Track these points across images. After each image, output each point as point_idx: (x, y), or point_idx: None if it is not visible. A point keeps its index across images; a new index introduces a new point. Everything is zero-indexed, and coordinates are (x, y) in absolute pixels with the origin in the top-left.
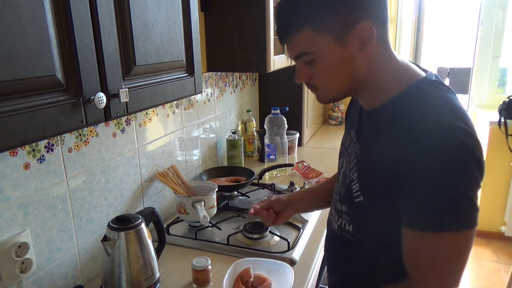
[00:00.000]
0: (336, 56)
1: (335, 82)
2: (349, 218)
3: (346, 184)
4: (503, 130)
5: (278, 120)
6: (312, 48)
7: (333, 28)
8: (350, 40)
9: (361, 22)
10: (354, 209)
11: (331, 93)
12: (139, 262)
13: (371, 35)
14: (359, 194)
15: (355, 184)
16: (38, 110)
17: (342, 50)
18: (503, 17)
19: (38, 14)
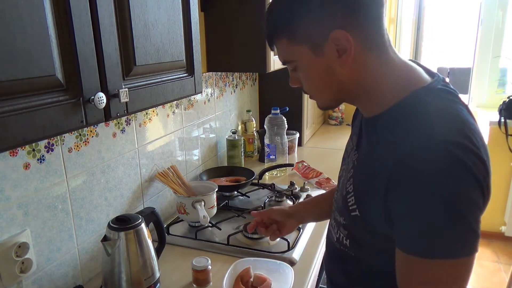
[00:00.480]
0: (315, 65)
1: (320, 90)
2: (346, 232)
3: (343, 196)
4: (503, 130)
5: (278, 120)
6: (291, 57)
7: (307, 37)
8: (326, 50)
9: (334, 31)
10: (350, 222)
11: (322, 100)
12: (139, 262)
13: (347, 44)
14: (354, 208)
15: (351, 197)
16: (38, 110)
17: (319, 59)
18: (503, 17)
19: (38, 14)
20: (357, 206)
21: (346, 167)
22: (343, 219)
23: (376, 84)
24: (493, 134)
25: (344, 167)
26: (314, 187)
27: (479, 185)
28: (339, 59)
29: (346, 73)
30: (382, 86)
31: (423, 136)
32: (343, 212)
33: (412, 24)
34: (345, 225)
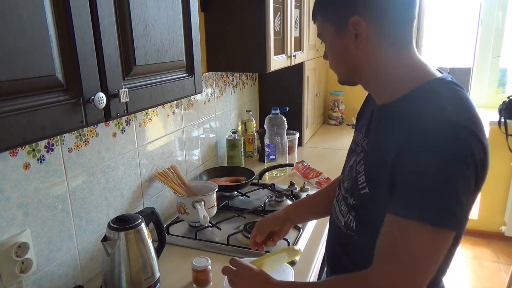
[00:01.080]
0: (336, 43)
1: (337, 65)
2: (355, 213)
3: (353, 177)
4: (503, 130)
5: (278, 120)
6: (322, 31)
7: (333, 18)
8: (346, 31)
9: (353, 17)
10: (360, 201)
11: (338, 74)
12: (139, 262)
13: (360, 29)
14: (364, 185)
15: (361, 176)
16: (38, 110)
17: (340, 38)
18: (503, 17)
19: (38, 14)
20: (366, 183)
21: (355, 153)
22: (353, 199)
23: (389, 73)
24: (493, 134)
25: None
26: (314, 187)
27: (475, 168)
28: (355, 41)
29: (359, 55)
30: (395, 76)
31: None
32: (354, 193)
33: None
34: (355, 206)
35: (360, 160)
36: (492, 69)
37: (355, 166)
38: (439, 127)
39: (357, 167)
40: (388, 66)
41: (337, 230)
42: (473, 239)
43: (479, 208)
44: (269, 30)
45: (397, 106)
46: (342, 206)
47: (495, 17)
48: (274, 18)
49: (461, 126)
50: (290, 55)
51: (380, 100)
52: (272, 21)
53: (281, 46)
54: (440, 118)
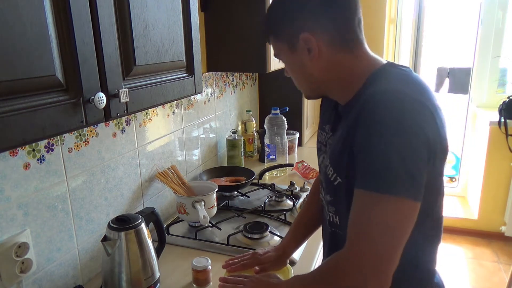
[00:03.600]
0: (292, 61)
1: (299, 81)
2: (334, 208)
3: (324, 173)
4: (503, 130)
5: (278, 120)
6: (277, 51)
7: (284, 37)
8: (298, 48)
9: (302, 34)
10: (335, 194)
11: (302, 90)
12: (139, 262)
13: (311, 44)
14: (335, 176)
15: (329, 168)
16: (38, 110)
17: (294, 55)
18: (503, 17)
19: (38, 14)
20: (336, 173)
21: (322, 152)
22: (329, 195)
23: (347, 73)
24: (493, 134)
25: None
26: None
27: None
28: (309, 55)
29: (316, 67)
30: (353, 75)
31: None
32: (329, 189)
33: (412, 24)
34: (332, 201)
35: (326, 156)
36: (492, 69)
37: (325, 164)
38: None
39: (325, 163)
40: (345, 68)
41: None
42: (473, 239)
43: (479, 208)
44: None
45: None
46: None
47: (495, 17)
48: None
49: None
50: None
51: (344, 100)
52: None
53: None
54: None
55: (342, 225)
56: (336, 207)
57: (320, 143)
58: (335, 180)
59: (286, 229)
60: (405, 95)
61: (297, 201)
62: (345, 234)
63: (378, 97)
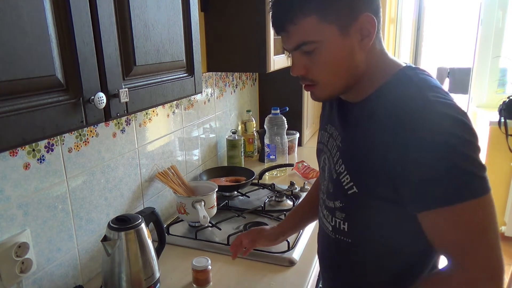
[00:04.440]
0: (338, 47)
1: (334, 74)
2: (344, 214)
3: (333, 179)
4: (503, 130)
5: (278, 120)
6: (316, 37)
7: (338, 17)
8: (352, 31)
9: (363, 14)
10: (348, 202)
11: (330, 87)
12: (139, 262)
13: (371, 28)
14: (351, 185)
15: (345, 176)
16: (38, 110)
17: (344, 40)
18: (503, 17)
19: (38, 14)
20: (354, 183)
21: (329, 154)
22: (339, 202)
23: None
24: (493, 134)
25: (325, 156)
26: None
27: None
28: (361, 42)
29: (362, 57)
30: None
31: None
32: (338, 195)
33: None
34: (342, 208)
35: (337, 160)
36: (492, 69)
37: (332, 167)
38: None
39: (335, 168)
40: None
41: (326, 237)
42: None
43: None
44: (269, 30)
45: (374, 99)
46: (325, 211)
47: (495, 17)
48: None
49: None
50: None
51: (355, 98)
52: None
53: (281, 46)
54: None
55: (352, 232)
56: (346, 213)
57: (321, 143)
58: (350, 189)
59: None
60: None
61: (297, 201)
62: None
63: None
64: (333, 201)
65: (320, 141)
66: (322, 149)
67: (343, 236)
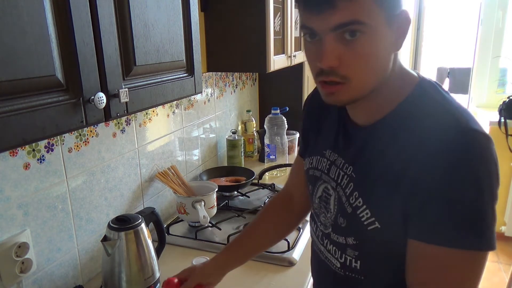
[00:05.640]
0: (382, 38)
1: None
2: (357, 252)
3: (347, 214)
4: (503, 130)
5: (278, 120)
6: (367, 19)
7: (388, 4)
8: (394, 25)
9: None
10: (365, 240)
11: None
12: (139, 262)
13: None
14: (372, 220)
15: (364, 211)
16: (38, 110)
17: (387, 33)
18: (503, 17)
19: (38, 14)
20: (375, 218)
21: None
22: (353, 238)
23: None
24: (493, 134)
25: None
26: None
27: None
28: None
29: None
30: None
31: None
32: (353, 231)
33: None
34: (356, 245)
35: (351, 193)
36: (492, 69)
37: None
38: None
39: (349, 201)
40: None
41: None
42: None
43: None
44: (269, 30)
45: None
46: (330, 246)
47: (495, 17)
48: (274, 18)
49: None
50: (290, 55)
51: (366, 120)
52: (272, 21)
53: (281, 46)
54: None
55: (365, 271)
56: (360, 251)
57: (318, 170)
58: (371, 224)
59: None
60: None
61: None
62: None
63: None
64: (345, 237)
65: (314, 167)
66: (319, 176)
67: (354, 273)
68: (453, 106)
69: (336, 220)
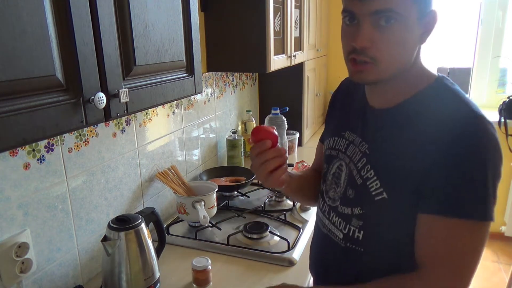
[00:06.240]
0: (411, 29)
1: (396, 55)
2: (361, 222)
3: (357, 185)
4: (503, 130)
5: (278, 120)
6: (402, 10)
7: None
8: (423, 20)
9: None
10: (372, 209)
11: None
12: (139, 262)
13: (434, 24)
14: (381, 191)
15: (374, 181)
16: (38, 110)
17: (416, 25)
18: (503, 17)
19: (38, 14)
20: (384, 189)
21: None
22: (359, 208)
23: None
24: None
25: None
26: None
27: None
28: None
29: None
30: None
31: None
32: (361, 201)
33: None
34: (362, 215)
35: (363, 166)
36: (492, 69)
37: (354, 173)
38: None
39: (361, 173)
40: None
41: (330, 245)
42: None
43: None
44: (269, 30)
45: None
46: (334, 218)
47: (495, 17)
48: (274, 18)
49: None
50: (290, 55)
51: (386, 103)
52: (272, 21)
53: (281, 46)
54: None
55: (366, 242)
56: (365, 221)
57: (334, 150)
58: (379, 195)
59: (286, 229)
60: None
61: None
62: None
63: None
64: (352, 208)
65: (331, 147)
66: (336, 155)
67: (355, 245)
68: (466, 98)
69: (345, 193)
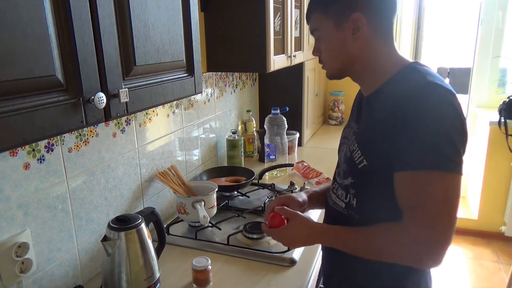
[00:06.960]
0: (333, 37)
1: (330, 57)
2: (354, 190)
3: (347, 158)
4: (503, 130)
5: (278, 120)
6: (319, 26)
7: (333, 13)
8: (345, 26)
9: (354, 14)
10: (359, 177)
11: (329, 68)
12: (139, 262)
13: (361, 25)
14: (362, 159)
15: (357, 152)
16: (38, 110)
17: (337, 33)
18: (503, 17)
19: (38, 14)
20: (363, 156)
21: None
22: (351, 178)
23: (379, 64)
24: (493, 134)
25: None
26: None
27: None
28: (353, 35)
29: (355, 47)
30: (383, 66)
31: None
32: (351, 172)
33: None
34: (354, 183)
35: (352, 142)
36: (492, 69)
37: (348, 150)
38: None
39: (350, 149)
40: (379, 57)
41: (337, 215)
42: (473, 239)
43: (479, 208)
44: (269, 30)
45: (384, 89)
46: (339, 191)
47: (495, 17)
48: (274, 18)
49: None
50: (290, 55)
51: (368, 91)
52: (272, 21)
53: (281, 46)
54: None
55: (359, 208)
56: (356, 189)
57: (345, 138)
58: (361, 162)
59: None
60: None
61: None
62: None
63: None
64: (347, 179)
65: (343, 137)
66: (343, 142)
67: (353, 211)
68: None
69: (343, 168)
